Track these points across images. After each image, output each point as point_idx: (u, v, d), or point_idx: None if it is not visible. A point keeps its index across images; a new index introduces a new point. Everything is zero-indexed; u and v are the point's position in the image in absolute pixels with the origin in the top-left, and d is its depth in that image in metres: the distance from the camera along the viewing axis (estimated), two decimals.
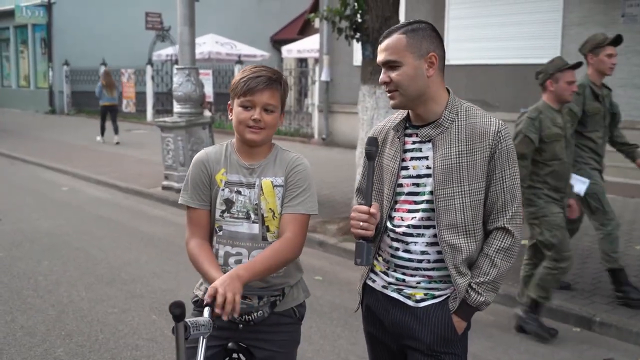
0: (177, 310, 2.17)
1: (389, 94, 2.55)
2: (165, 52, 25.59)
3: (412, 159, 2.56)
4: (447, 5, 14.85)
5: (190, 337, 2.27)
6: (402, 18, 13.98)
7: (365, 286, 2.74)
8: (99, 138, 18.57)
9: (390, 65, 2.49)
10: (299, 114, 22.58)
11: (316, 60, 20.27)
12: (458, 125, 2.50)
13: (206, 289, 2.55)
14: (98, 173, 12.93)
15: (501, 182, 2.48)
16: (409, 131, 2.60)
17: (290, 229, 2.65)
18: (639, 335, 5.18)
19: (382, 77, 2.53)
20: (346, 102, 17.02)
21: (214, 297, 2.40)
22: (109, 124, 18.30)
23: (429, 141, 2.53)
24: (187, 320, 2.25)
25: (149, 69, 24.94)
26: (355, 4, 8.56)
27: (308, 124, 20.33)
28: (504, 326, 5.56)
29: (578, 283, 6.22)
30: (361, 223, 2.47)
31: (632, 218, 8.84)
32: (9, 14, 29.91)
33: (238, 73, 2.74)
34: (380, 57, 2.53)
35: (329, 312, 5.80)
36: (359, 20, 8.57)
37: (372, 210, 2.47)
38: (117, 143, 17.92)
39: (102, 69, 26.51)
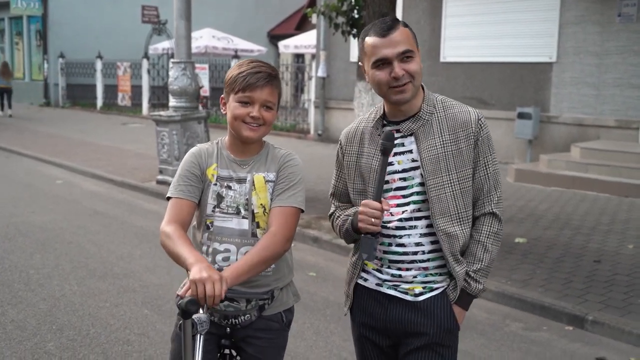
0: (194, 308, 2.17)
1: (400, 88, 2.45)
2: (162, 45, 25.54)
3: (395, 154, 2.54)
4: (444, 2, 14.84)
5: (195, 334, 2.25)
6: (399, 14, 14.00)
7: (357, 287, 2.70)
8: (0, 113, 24.26)
9: (407, 56, 2.44)
10: (295, 110, 22.56)
11: (313, 56, 20.23)
12: (438, 117, 2.53)
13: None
14: (93, 167, 12.89)
15: (485, 168, 2.54)
16: (391, 127, 2.57)
17: (277, 222, 2.58)
18: (631, 334, 5.18)
19: (398, 70, 2.42)
20: (342, 98, 17.03)
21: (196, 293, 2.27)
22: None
23: (410, 135, 2.54)
24: (193, 317, 2.23)
25: (145, 63, 24.90)
26: None
27: (304, 120, 20.33)
28: (497, 323, 5.57)
29: (571, 282, 6.22)
30: (373, 219, 2.40)
31: (626, 217, 8.85)
32: (4, 5, 29.79)
33: (234, 67, 2.66)
34: (396, 48, 2.42)
35: (323, 308, 5.79)
36: (356, 16, 8.57)
37: (385, 206, 2.43)
38: (10, 116, 23.79)
39: (99, 62, 26.52)
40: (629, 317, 5.41)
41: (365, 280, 2.67)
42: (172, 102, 11.00)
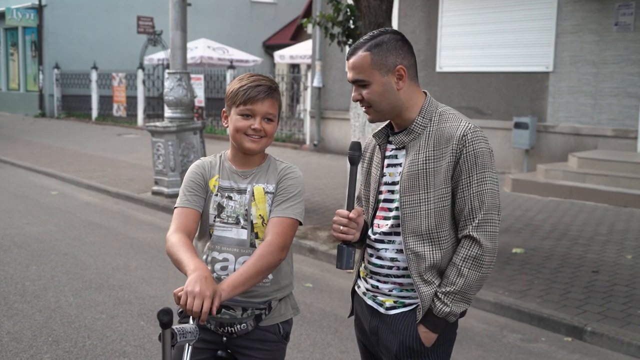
0: (165, 318, 2.16)
1: (364, 110, 2.57)
2: (157, 56, 25.57)
3: (388, 165, 2.59)
4: (440, 12, 14.90)
5: (176, 344, 2.26)
6: (394, 24, 14.06)
7: (354, 292, 2.78)
8: None
9: (359, 85, 2.50)
10: (291, 120, 22.61)
11: (308, 66, 20.28)
12: (429, 131, 2.49)
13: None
14: (88, 177, 12.89)
15: (468, 188, 2.42)
16: (390, 139, 2.62)
17: (273, 231, 2.61)
18: (630, 345, 5.19)
19: (354, 95, 2.54)
20: (338, 109, 17.05)
21: (185, 300, 2.29)
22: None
23: (402, 148, 2.55)
24: (174, 327, 2.24)
25: (140, 73, 24.91)
26: (348, 9, 8.58)
27: (300, 130, 20.35)
28: (495, 335, 5.56)
29: (569, 292, 6.23)
30: (341, 227, 2.50)
31: (624, 227, 8.87)
32: None
33: (234, 81, 2.73)
34: (349, 75, 2.54)
35: (319, 319, 5.79)
36: (352, 26, 8.59)
37: (351, 215, 2.49)
38: None
39: (94, 72, 26.54)
40: (629, 328, 5.42)
41: (359, 287, 2.74)
42: (168, 112, 11.01)
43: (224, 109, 2.76)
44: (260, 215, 2.68)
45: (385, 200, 2.57)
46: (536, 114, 13.27)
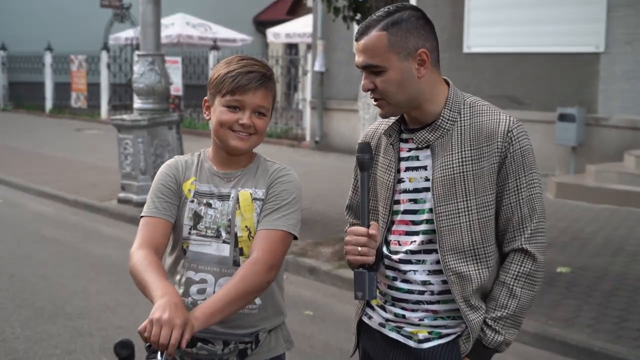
0: (124, 352, 2.15)
1: (375, 102, 2.52)
2: (125, 35, 25.62)
3: (407, 169, 2.55)
4: None
5: None
6: None
7: (361, 324, 2.72)
8: None
9: (372, 71, 2.46)
10: (288, 112, 22.59)
11: (309, 47, 20.28)
12: (461, 126, 2.47)
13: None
14: (41, 183, 12.90)
15: (516, 192, 2.45)
16: (404, 136, 2.58)
17: (260, 247, 2.57)
18: None
19: (365, 83, 2.49)
20: (344, 98, 17.03)
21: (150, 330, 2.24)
22: None
23: (427, 147, 2.51)
24: None
25: (104, 56, 24.96)
26: None
27: (298, 124, 20.35)
28: None
29: (626, 320, 6.20)
30: (359, 248, 2.41)
31: None
32: None
33: (221, 65, 2.69)
34: (359, 59, 2.49)
35: (322, 355, 5.77)
36: None
37: (372, 231, 2.42)
38: None
39: (48, 55, 26.53)
40: None
41: (370, 317, 2.69)
42: (138, 103, 11.02)
43: (206, 98, 2.73)
44: (246, 226, 2.64)
45: (407, 212, 2.54)
46: (584, 103, 13.23)
